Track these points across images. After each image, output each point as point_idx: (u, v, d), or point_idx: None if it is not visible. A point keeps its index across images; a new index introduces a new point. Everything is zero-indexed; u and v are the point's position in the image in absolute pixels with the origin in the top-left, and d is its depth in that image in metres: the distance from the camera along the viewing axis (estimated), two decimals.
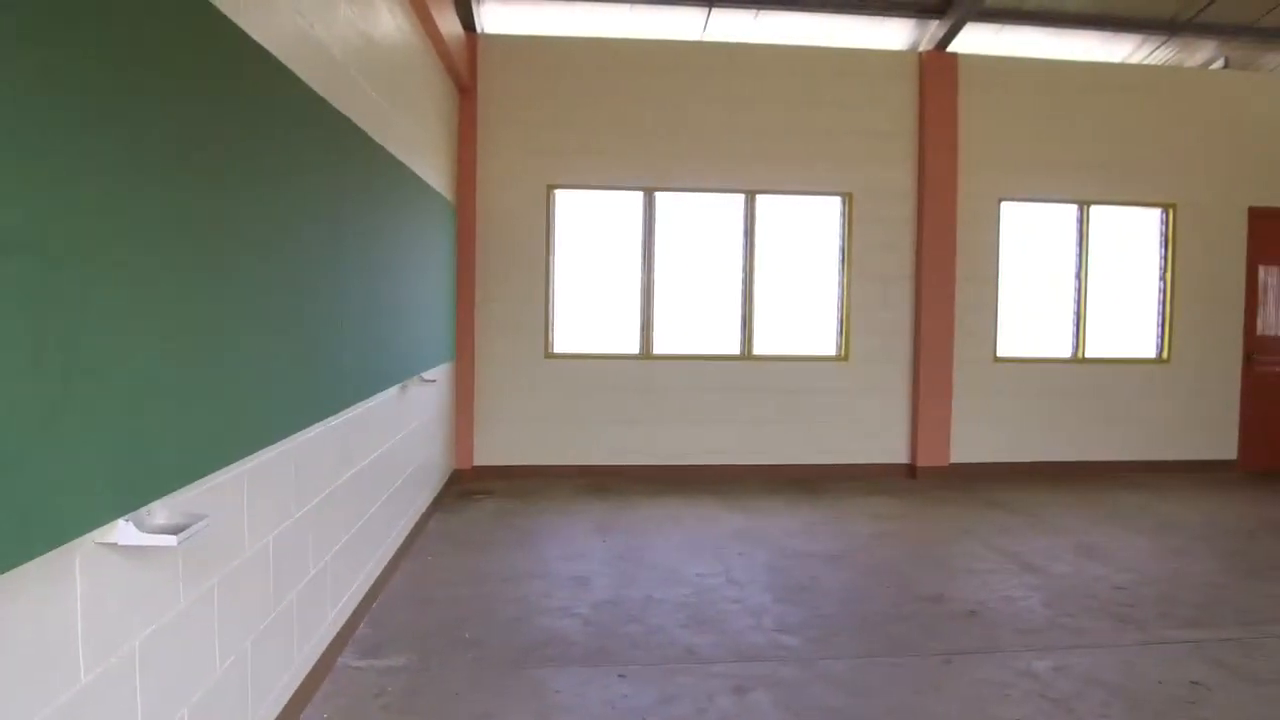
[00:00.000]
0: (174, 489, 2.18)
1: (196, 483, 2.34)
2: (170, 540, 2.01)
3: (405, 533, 5.39)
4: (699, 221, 7.91)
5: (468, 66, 7.29)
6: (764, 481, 7.77)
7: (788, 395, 7.94)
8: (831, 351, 8.07)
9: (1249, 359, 8.46)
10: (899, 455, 8.10)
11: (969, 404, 8.06)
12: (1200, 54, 8.38)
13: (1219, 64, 8.48)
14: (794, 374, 7.96)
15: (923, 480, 7.90)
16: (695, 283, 7.94)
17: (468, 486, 7.39)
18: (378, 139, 4.39)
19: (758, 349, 7.97)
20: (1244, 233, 8.38)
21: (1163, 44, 8.16)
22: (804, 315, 8.07)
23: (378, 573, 4.61)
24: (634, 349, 7.85)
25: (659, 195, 7.82)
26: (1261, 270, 8.51)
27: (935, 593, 4.90)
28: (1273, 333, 8.59)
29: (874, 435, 8.07)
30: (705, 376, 7.87)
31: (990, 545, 5.85)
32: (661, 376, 7.82)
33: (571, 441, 7.77)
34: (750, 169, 7.83)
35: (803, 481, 7.79)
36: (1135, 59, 8.41)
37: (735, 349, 7.96)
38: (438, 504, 6.59)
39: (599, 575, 5.11)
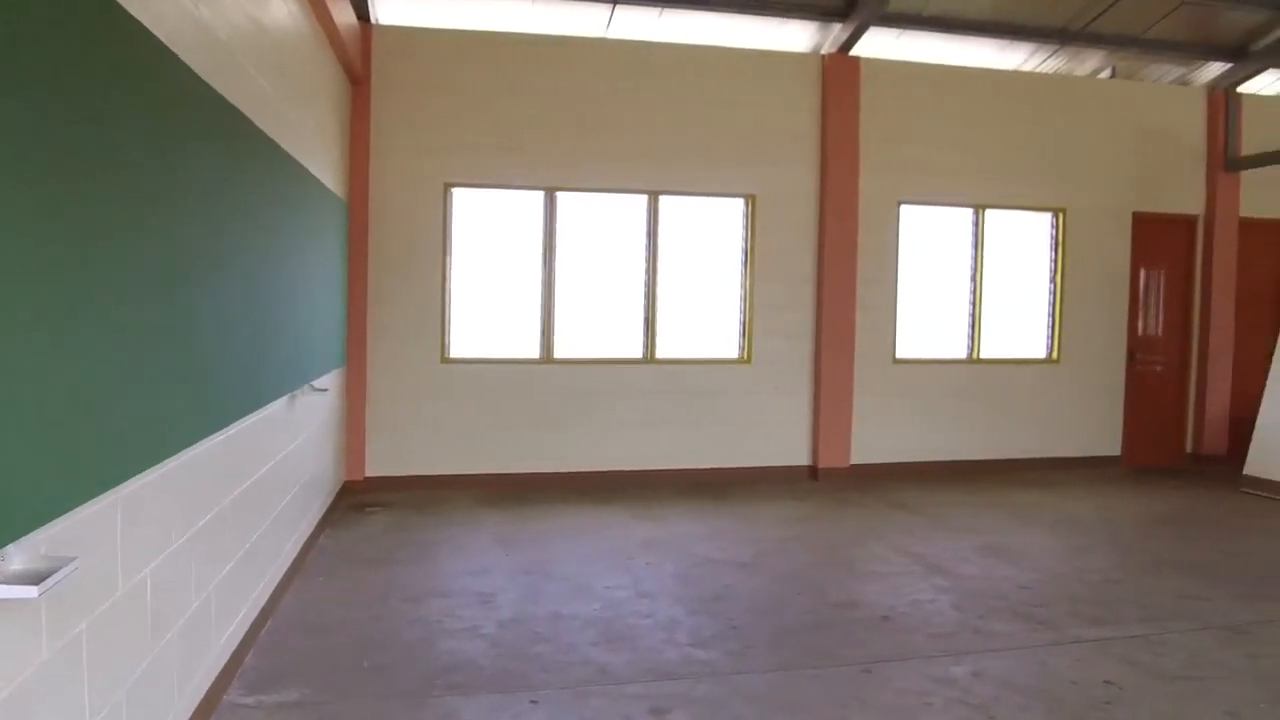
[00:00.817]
0: (31, 529, 1.89)
1: (60, 519, 2.05)
2: (30, 592, 1.73)
3: (295, 551, 5.05)
4: (601, 222, 7.74)
5: (361, 57, 6.94)
6: (669, 486, 7.65)
7: (691, 398, 7.84)
8: (734, 354, 8.01)
9: (1131, 358, 8.79)
10: (801, 457, 8.09)
11: (869, 405, 8.12)
12: (1089, 63, 8.66)
13: (1106, 73, 8.79)
14: (697, 377, 7.86)
15: (825, 482, 7.91)
16: (598, 285, 7.76)
17: (360, 499, 7.03)
18: (267, 130, 4.08)
19: (661, 352, 7.84)
20: (1128, 236, 8.71)
21: (1054, 53, 8.40)
22: (707, 318, 7.99)
23: (266, 597, 4.29)
24: (535, 353, 7.62)
25: (560, 195, 7.61)
26: (1143, 272, 8.86)
27: (847, 599, 4.86)
28: (1153, 332, 8.94)
29: (776, 438, 8.04)
30: (608, 380, 7.70)
31: (897, 547, 5.87)
32: (564, 381, 7.62)
33: (470, 449, 7.48)
34: (653, 169, 7.70)
35: (708, 485, 7.70)
36: (1028, 66, 8.62)
37: (638, 352, 7.82)
38: (328, 519, 6.24)
39: (504, 591, 4.90)
